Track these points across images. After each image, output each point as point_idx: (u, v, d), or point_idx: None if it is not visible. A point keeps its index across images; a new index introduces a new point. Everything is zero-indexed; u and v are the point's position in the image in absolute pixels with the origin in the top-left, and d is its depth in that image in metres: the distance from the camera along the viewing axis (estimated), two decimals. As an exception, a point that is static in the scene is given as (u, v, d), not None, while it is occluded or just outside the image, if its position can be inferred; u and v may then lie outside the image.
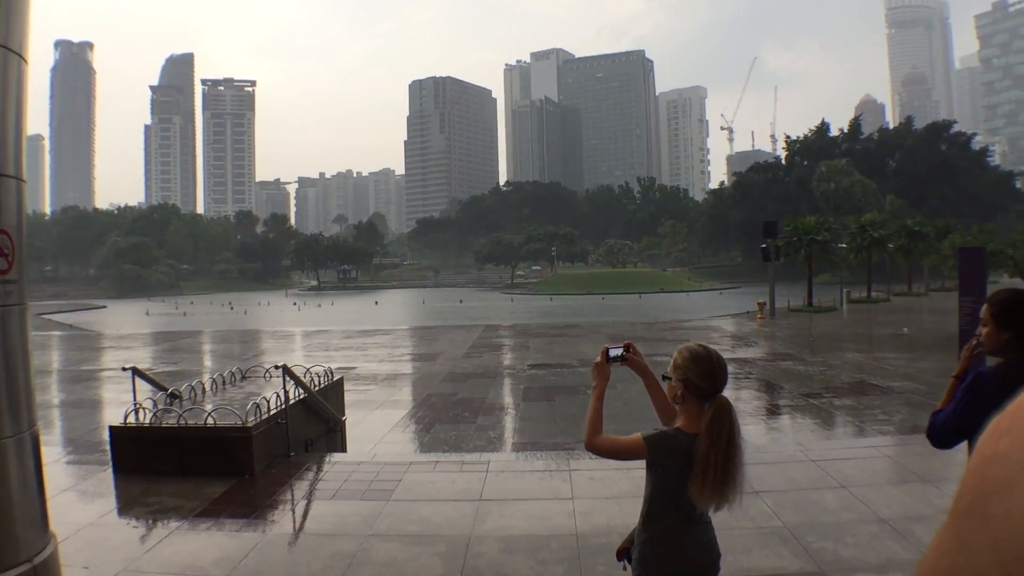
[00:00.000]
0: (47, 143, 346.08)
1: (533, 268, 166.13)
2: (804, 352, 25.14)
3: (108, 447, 10.05)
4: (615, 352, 3.72)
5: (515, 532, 7.40)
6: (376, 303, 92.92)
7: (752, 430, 12.62)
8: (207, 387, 12.14)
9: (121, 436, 9.90)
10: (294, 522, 8.27)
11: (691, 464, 3.39)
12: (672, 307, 69.57)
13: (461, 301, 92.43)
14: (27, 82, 6.03)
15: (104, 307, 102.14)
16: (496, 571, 6.53)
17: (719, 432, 3.35)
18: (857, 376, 18.65)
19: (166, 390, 11.49)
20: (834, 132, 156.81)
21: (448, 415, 15.19)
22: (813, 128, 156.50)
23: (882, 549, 6.72)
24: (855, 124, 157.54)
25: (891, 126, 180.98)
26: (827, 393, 16.37)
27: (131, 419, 9.99)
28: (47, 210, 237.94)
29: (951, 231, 72.91)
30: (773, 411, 15.23)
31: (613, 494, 8.30)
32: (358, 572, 6.53)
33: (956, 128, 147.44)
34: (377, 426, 14.12)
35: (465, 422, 14.39)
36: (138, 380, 11.40)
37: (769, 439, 12.13)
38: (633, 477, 8.08)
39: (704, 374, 3.43)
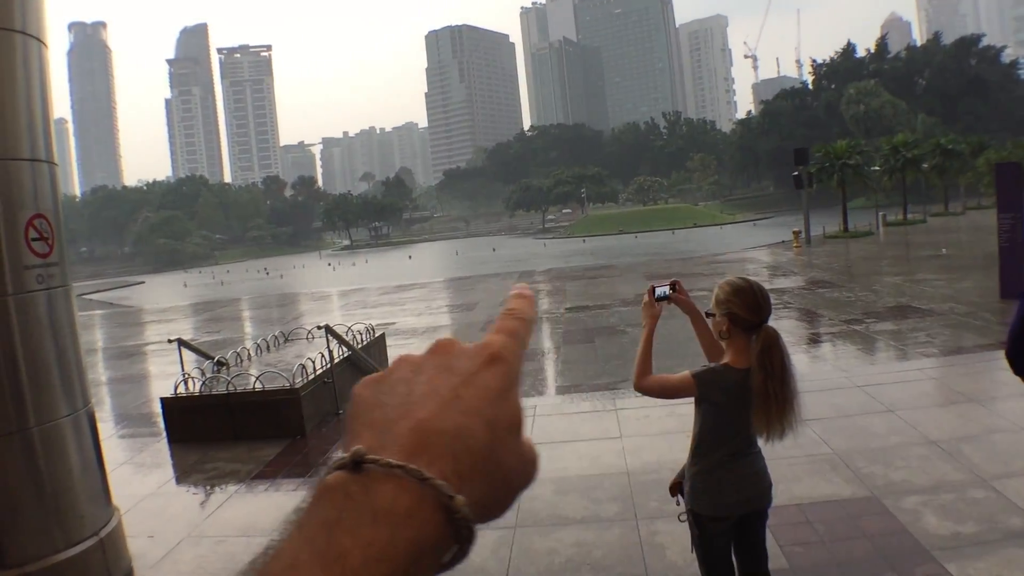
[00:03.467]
0: (71, 126, 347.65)
1: (564, 211, 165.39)
2: (843, 278, 24.95)
3: (161, 418, 10.26)
4: (661, 291, 3.70)
5: (567, 473, 7.49)
6: (410, 257, 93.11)
7: (796, 359, 12.53)
8: (252, 352, 12.33)
9: (173, 406, 10.11)
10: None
11: (741, 399, 3.41)
12: (707, 241, 69.12)
13: (494, 249, 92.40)
14: (49, 66, 6.08)
15: (142, 283, 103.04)
16: (551, 512, 6.63)
17: (771, 362, 3.36)
18: (898, 300, 18.49)
19: (212, 358, 11.68)
20: (860, 53, 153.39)
21: (490, 364, 15.28)
22: (839, 50, 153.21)
23: (932, 470, 6.73)
24: (882, 43, 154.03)
25: (918, 43, 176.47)
26: (868, 318, 16.27)
27: (181, 389, 10.18)
28: (77, 192, 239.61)
29: (986, 147, 71.43)
30: (815, 339, 15.17)
31: (660, 431, 8.37)
32: (416, 523, 6.64)
33: (985, 42, 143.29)
34: (421, 379, 14.25)
35: (508, 369, 14.47)
36: (184, 350, 11.60)
37: (813, 367, 12.11)
38: (679, 413, 8.13)
39: (748, 306, 3.44)
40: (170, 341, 11.66)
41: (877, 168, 59.03)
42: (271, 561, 0.51)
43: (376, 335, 13.05)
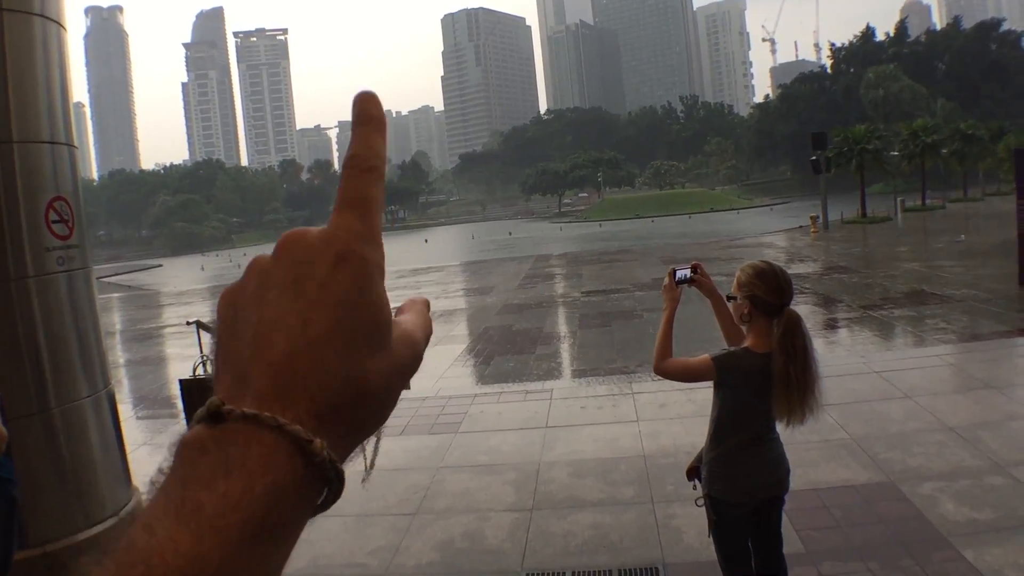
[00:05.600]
0: (88, 110, 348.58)
1: (580, 195, 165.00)
2: (860, 264, 24.84)
3: (179, 400, 10.31)
4: (682, 274, 3.69)
5: (583, 456, 7.51)
6: (426, 241, 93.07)
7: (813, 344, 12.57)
8: (270, 335, 12.34)
9: (191, 388, 10.12)
10: (366, 459, 8.45)
11: (761, 383, 3.40)
12: (723, 226, 68.85)
13: (510, 233, 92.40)
14: (67, 49, 6.10)
15: (160, 266, 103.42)
16: (567, 495, 6.65)
17: (793, 345, 3.35)
18: (915, 286, 18.40)
19: (230, 340, 11.70)
20: (880, 37, 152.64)
21: (507, 347, 15.31)
22: (858, 34, 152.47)
23: (950, 456, 6.72)
24: (901, 27, 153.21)
25: (938, 27, 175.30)
26: (886, 304, 16.20)
27: (199, 371, 10.22)
28: (95, 175, 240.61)
29: (1005, 133, 70.68)
30: (833, 324, 15.12)
31: (677, 415, 8.37)
32: (433, 503, 6.70)
33: (1005, 26, 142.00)
34: (438, 362, 14.27)
35: (525, 352, 14.49)
36: (202, 332, 11.65)
37: (831, 352, 12.07)
38: (696, 398, 8.14)
39: (770, 289, 3.43)
40: (188, 323, 11.72)
41: (896, 153, 58.67)
42: (133, 526, 0.49)
43: (393, 318, 13.05)
